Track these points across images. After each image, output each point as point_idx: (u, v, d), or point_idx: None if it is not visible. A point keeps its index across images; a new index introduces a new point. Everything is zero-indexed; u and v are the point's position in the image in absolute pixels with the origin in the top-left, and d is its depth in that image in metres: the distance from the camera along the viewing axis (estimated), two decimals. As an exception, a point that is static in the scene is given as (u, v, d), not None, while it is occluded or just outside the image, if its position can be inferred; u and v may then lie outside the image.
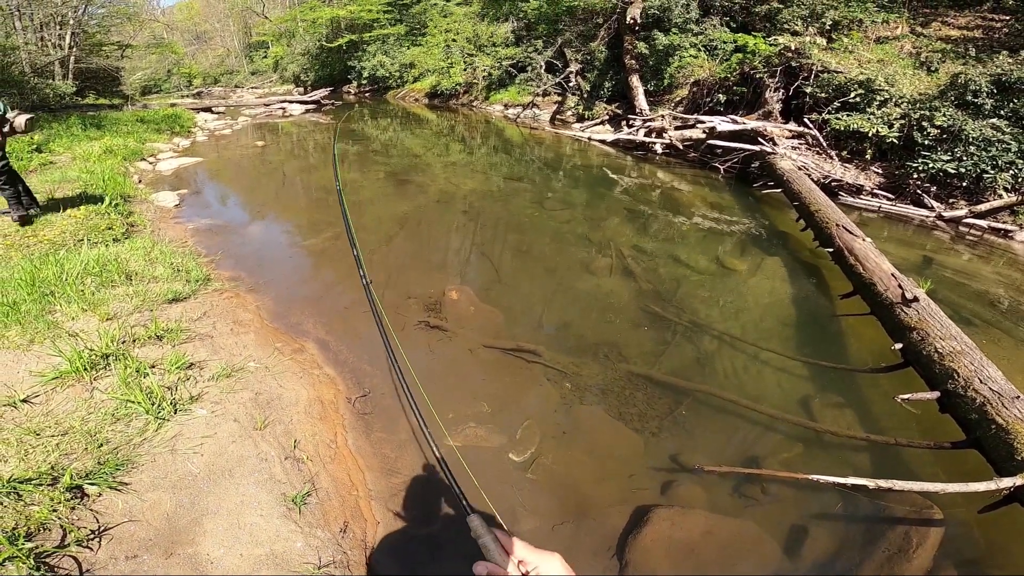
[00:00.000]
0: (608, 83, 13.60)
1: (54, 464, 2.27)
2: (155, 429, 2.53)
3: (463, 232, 6.41)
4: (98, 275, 3.95)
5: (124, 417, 2.57)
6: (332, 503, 2.42)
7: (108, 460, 2.33)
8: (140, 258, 4.49)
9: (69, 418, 2.53)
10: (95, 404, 2.63)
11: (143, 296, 3.82)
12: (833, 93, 8.72)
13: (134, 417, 2.58)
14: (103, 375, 2.85)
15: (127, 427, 2.53)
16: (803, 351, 3.96)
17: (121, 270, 4.13)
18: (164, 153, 10.31)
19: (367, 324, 4.09)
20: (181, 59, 30.77)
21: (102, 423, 2.52)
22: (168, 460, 2.41)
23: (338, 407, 3.06)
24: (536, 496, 2.62)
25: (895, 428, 3.23)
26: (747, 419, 3.23)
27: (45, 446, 2.35)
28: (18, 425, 2.45)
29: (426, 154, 11.16)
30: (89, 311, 3.49)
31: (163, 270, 4.32)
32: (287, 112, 17.99)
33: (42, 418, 2.52)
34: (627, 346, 3.96)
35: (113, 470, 2.30)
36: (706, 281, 5.15)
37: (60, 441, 2.38)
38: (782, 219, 7.12)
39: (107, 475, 2.26)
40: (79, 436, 2.42)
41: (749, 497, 2.68)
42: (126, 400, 2.62)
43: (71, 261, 4.06)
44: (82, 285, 3.77)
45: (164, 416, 2.61)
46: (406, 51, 20.44)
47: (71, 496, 2.16)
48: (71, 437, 2.42)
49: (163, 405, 2.65)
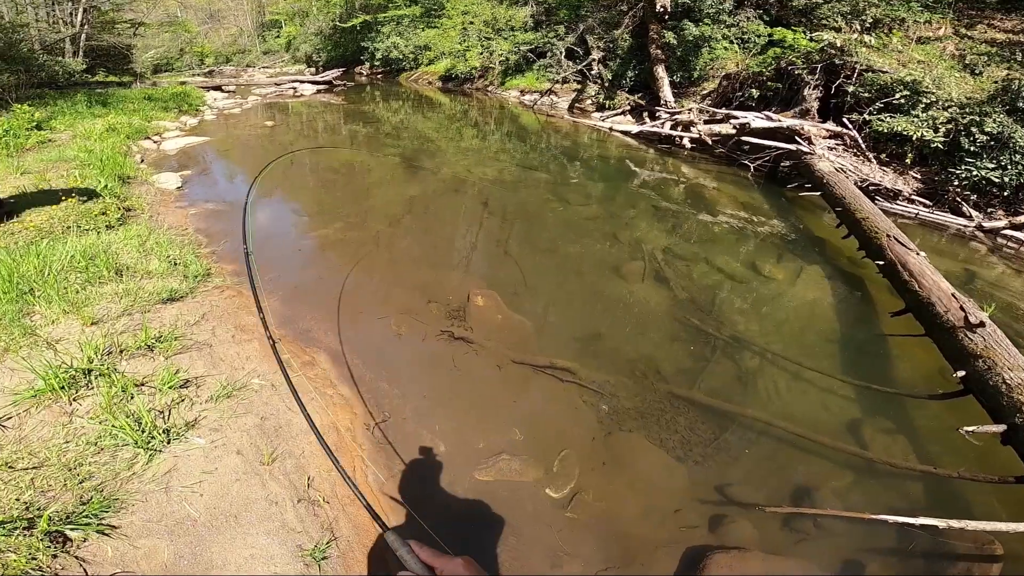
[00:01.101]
0: (631, 72, 13.06)
1: (28, 503, 1.94)
2: (145, 462, 2.19)
3: (481, 226, 6.02)
4: (84, 270, 3.57)
5: (109, 447, 2.22)
6: (355, 555, 2.09)
7: (92, 499, 2.00)
8: (134, 249, 4.13)
9: (44, 448, 2.18)
10: (75, 431, 2.28)
11: (134, 295, 3.45)
12: (876, 93, 8.24)
13: (120, 447, 2.23)
14: (84, 394, 2.49)
15: (113, 459, 2.19)
16: (849, 371, 3.68)
17: (111, 264, 3.76)
18: (170, 132, 9.93)
19: (385, 332, 3.74)
20: (194, 37, 30.23)
21: (83, 454, 2.17)
22: (162, 500, 2.07)
23: (356, 435, 2.71)
24: (577, 538, 2.37)
25: (944, 456, 3.05)
26: (793, 445, 3.02)
27: (17, 482, 2.01)
28: (-14, 457, 2.11)
29: (439, 138, 10.74)
30: (72, 313, 3.12)
31: (159, 263, 3.96)
32: (298, 92, 17.55)
33: (13, 446, 2.18)
34: (665, 362, 3.65)
35: (99, 511, 1.97)
36: (743, 289, 4.79)
37: (35, 475, 2.05)
38: (818, 223, 6.71)
39: (92, 517, 1.95)
40: (56, 470, 2.08)
41: (801, 532, 2.52)
42: (111, 427, 2.26)
43: (55, 253, 3.69)
44: (66, 282, 3.39)
45: (156, 447, 2.26)
46: (421, 33, 19.86)
47: (51, 542, 1.84)
48: (47, 471, 2.08)
49: (154, 434, 2.30)
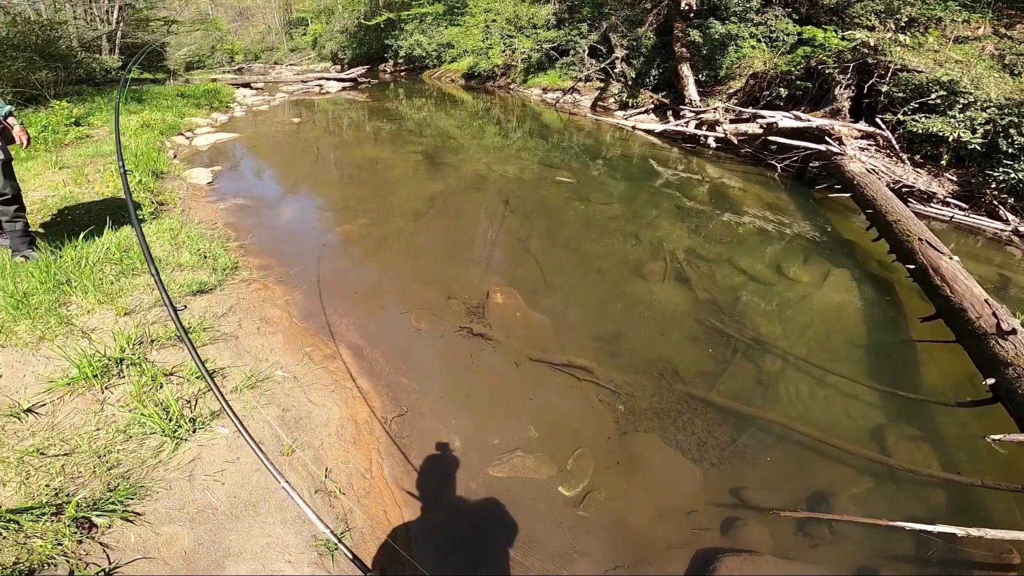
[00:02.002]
0: (655, 71, 12.91)
1: (58, 490, 2.02)
2: (171, 451, 2.26)
3: (501, 222, 6.03)
4: (119, 262, 3.69)
5: (137, 435, 2.30)
6: (367, 546, 2.13)
7: (119, 486, 2.07)
8: (167, 242, 4.26)
9: (76, 434, 2.27)
10: (105, 418, 2.37)
11: (166, 287, 3.55)
12: (911, 93, 7.99)
13: (148, 435, 2.31)
14: (116, 383, 2.58)
15: (140, 447, 2.26)
16: (874, 376, 3.59)
17: (140, 257, 3.88)
18: (202, 128, 10.20)
19: (405, 328, 3.79)
20: (224, 35, 30.94)
21: (112, 441, 2.25)
22: (185, 488, 2.14)
23: (373, 429, 2.75)
24: (589, 537, 2.37)
25: (969, 464, 2.97)
26: (813, 450, 2.97)
27: (48, 468, 2.09)
28: (21, 441, 2.20)
29: (461, 135, 10.78)
30: (106, 304, 3.24)
31: (189, 256, 4.08)
32: (324, 89, 17.82)
33: (47, 433, 2.26)
34: (684, 364, 3.61)
35: (124, 498, 2.04)
36: (767, 292, 4.70)
37: (65, 462, 2.13)
38: (846, 225, 6.54)
39: (117, 504, 2.01)
40: (87, 457, 2.16)
41: (816, 537, 2.50)
42: (140, 415, 2.34)
43: (92, 245, 3.83)
44: (101, 273, 3.52)
45: (182, 435, 2.33)
46: (444, 31, 19.94)
47: (77, 528, 1.91)
48: (78, 458, 2.16)
49: (181, 423, 2.37)
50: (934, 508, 2.66)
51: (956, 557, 2.43)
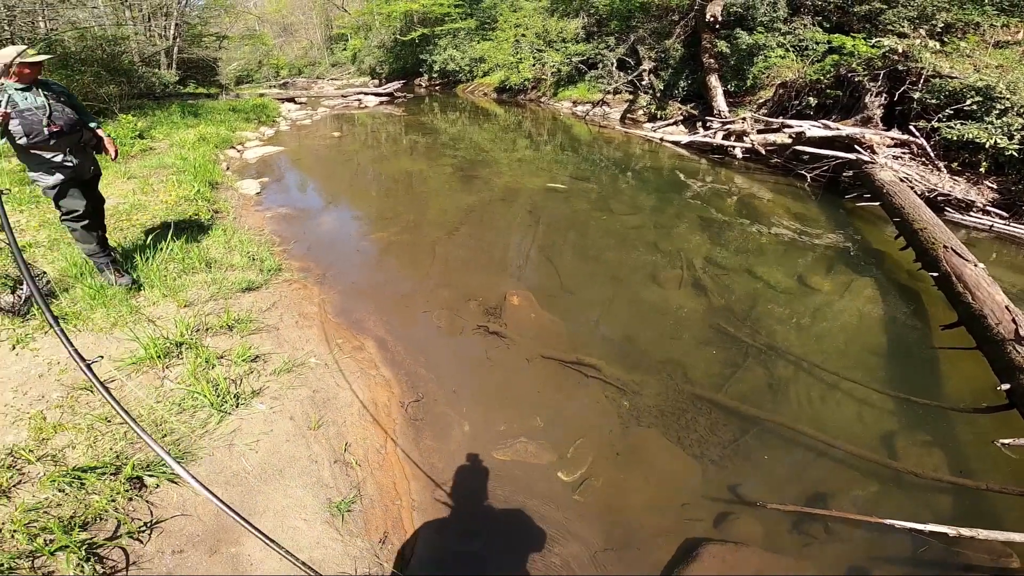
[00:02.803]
0: (683, 82, 12.97)
1: (119, 453, 2.36)
2: (217, 422, 2.60)
3: (526, 232, 6.29)
4: (181, 261, 4.17)
5: (190, 408, 2.66)
6: (375, 512, 2.39)
7: (170, 451, 2.39)
8: (220, 245, 4.72)
9: (139, 405, 2.64)
10: (164, 393, 2.75)
11: (220, 284, 4.00)
12: (945, 100, 7.82)
13: (199, 409, 2.67)
14: (175, 363, 2.98)
15: (191, 418, 2.62)
16: (891, 383, 3.60)
17: (202, 257, 4.35)
18: (251, 141, 10.89)
19: (427, 325, 4.08)
20: (270, 50, 32.59)
21: (169, 413, 2.62)
22: (225, 455, 2.46)
23: (391, 411, 3.05)
24: (581, 519, 2.52)
25: (985, 472, 2.94)
26: (819, 453, 3.00)
27: (113, 434, 2.46)
28: (91, 411, 2.59)
29: (493, 149, 11.14)
30: (170, 297, 3.69)
31: (240, 258, 4.52)
32: (362, 104, 18.57)
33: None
34: (693, 366, 3.72)
35: None
36: (785, 300, 4.74)
37: (128, 429, 2.49)
38: (877, 235, 6.46)
39: (166, 467, 2.33)
40: (146, 425, 2.52)
41: (810, 535, 2.52)
42: (193, 391, 2.71)
43: (158, 246, 4.31)
44: (166, 271, 3.99)
45: (227, 409, 2.68)
46: (476, 45, 20.49)
47: (130, 487, 2.23)
48: (138, 426, 2.52)
49: (227, 398, 2.73)
50: (939, 513, 2.64)
51: (954, 560, 2.43)
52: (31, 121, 3.28)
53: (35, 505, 2.08)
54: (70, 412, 2.61)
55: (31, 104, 3.29)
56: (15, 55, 3.21)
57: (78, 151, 3.52)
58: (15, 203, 5.45)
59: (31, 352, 3.04)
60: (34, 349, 3.06)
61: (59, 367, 2.93)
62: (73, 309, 3.44)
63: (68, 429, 2.48)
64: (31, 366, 2.93)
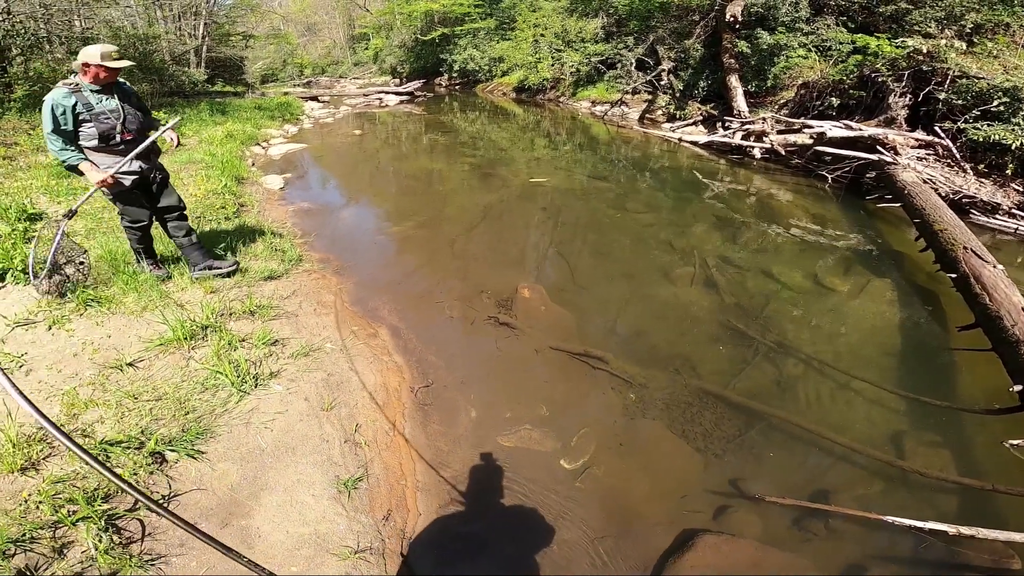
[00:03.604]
0: (703, 82, 12.89)
1: (144, 428, 2.50)
2: (236, 401, 2.74)
3: (541, 229, 6.36)
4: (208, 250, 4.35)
5: (212, 387, 2.81)
6: (380, 490, 2.48)
7: (191, 428, 2.54)
8: (247, 237, 4.90)
9: (165, 384, 2.80)
10: (189, 372, 2.90)
11: (243, 272, 4.17)
12: (972, 101, 7.66)
13: (220, 388, 2.81)
14: (200, 345, 3.13)
15: (212, 397, 2.76)
16: (904, 384, 3.56)
17: (228, 247, 4.55)
18: (275, 139, 11.18)
19: (439, 315, 4.19)
20: (295, 49, 33.18)
21: (192, 391, 2.76)
22: (242, 433, 2.59)
23: (401, 395, 3.15)
24: (581, 506, 2.56)
25: (994, 473, 2.87)
26: (824, 450, 2.99)
27: (140, 410, 2.60)
28: (120, 388, 2.75)
29: (511, 148, 11.23)
30: (197, 283, 3.86)
31: (263, 249, 4.69)
32: (383, 103, 18.85)
33: (142, 383, 2.81)
34: (701, 362, 3.74)
35: (194, 438, 2.49)
36: (799, 299, 4.72)
37: (153, 406, 2.63)
38: (898, 237, 6.36)
39: (187, 443, 2.45)
40: (170, 403, 2.67)
41: (809, 531, 2.51)
42: (216, 371, 2.85)
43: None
44: (194, 259, 4.17)
45: (246, 389, 2.82)
46: (495, 45, 20.58)
47: (152, 461, 2.35)
48: (163, 403, 2.67)
49: (246, 379, 2.87)
50: (944, 513, 2.60)
51: (954, 560, 2.40)
52: (106, 126, 3.22)
53: (62, 477, 2.20)
54: (101, 389, 2.77)
55: (105, 107, 3.21)
56: (99, 55, 3.12)
57: (144, 156, 3.47)
58: (52, 195, 5.74)
59: (66, 332, 3.23)
60: (69, 330, 3.25)
61: (92, 347, 3.11)
62: (107, 293, 3.64)
63: (98, 405, 2.64)
64: (66, 345, 3.11)
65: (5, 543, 1.88)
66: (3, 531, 1.92)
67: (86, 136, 3.23)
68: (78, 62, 3.18)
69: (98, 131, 3.21)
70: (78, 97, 3.12)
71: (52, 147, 3.19)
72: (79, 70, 3.19)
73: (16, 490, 2.14)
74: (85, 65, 3.14)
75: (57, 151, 3.20)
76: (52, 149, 3.20)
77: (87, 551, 1.94)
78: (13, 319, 3.28)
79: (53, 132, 3.11)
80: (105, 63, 3.14)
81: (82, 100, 3.14)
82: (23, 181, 6.14)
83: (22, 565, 1.85)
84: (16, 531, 1.95)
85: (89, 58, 3.12)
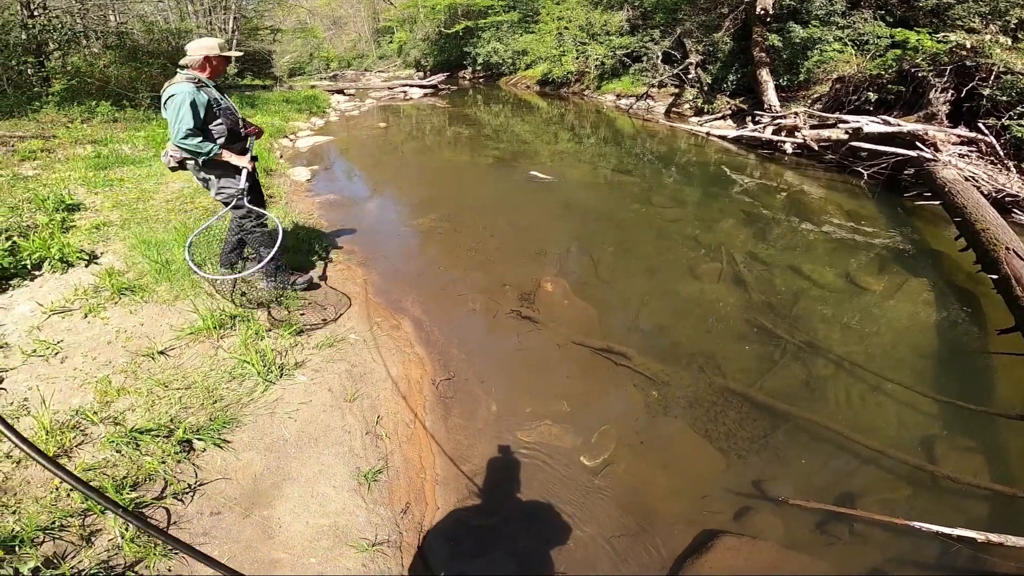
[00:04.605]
0: (732, 76, 12.58)
1: (173, 417, 2.55)
2: (262, 391, 2.78)
3: (564, 222, 6.31)
4: (240, 241, 4.44)
5: (239, 377, 2.86)
6: (399, 483, 2.49)
7: (218, 417, 2.58)
8: (274, 228, 4.99)
9: (194, 372, 2.86)
10: (218, 361, 2.96)
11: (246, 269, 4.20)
12: (1017, 97, 7.34)
13: (247, 377, 2.86)
14: (228, 334, 3.19)
15: (239, 386, 2.81)
16: (938, 387, 3.43)
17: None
18: (303, 131, 11.32)
19: (461, 307, 4.19)
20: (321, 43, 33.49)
21: (220, 380, 2.82)
22: (267, 422, 2.62)
23: (422, 388, 3.16)
24: (600, 504, 2.53)
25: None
26: (851, 453, 2.91)
27: (169, 399, 2.66)
28: (151, 376, 2.81)
29: (535, 141, 11.16)
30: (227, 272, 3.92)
31: (290, 240, 4.76)
32: (408, 95, 18.92)
33: (172, 371, 2.87)
34: (726, 360, 3.66)
35: (220, 427, 2.53)
36: (831, 298, 4.57)
37: (183, 395, 2.69)
38: (937, 236, 6.11)
39: (215, 432, 2.49)
40: (199, 391, 2.72)
41: (832, 535, 2.45)
42: (243, 360, 2.90)
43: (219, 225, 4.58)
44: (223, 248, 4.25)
45: (272, 379, 2.86)
46: (519, 38, 20.46)
47: (180, 449, 2.39)
48: (192, 392, 2.73)
49: (272, 369, 2.91)
50: (975, 520, 2.52)
51: (980, 568, 2.33)
52: (232, 120, 3.15)
53: (93, 465, 2.25)
54: (133, 377, 2.85)
55: (225, 103, 3.13)
56: (218, 47, 3.02)
57: None
58: (89, 187, 5.91)
59: (101, 320, 3.33)
60: (104, 318, 3.35)
61: (125, 335, 3.20)
62: (141, 282, 3.73)
63: (130, 393, 2.70)
64: (101, 333, 3.21)
65: (34, 531, 1.92)
66: (33, 519, 1.97)
67: (216, 133, 3.15)
68: (193, 56, 3.04)
69: (226, 126, 3.16)
70: (207, 93, 3.05)
71: (191, 142, 3.03)
72: (194, 64, 3.06)
73: (48, 477, 2.20)
74: (207, 59, 3.04)
75: (198, 144, 3.05)
76: (191, 143, 3.04)
77: (114, 539, 1.98)
78: (50, 307, 3.39)
79: (193, 128, 3.01)
80: (224, 54, 3.08)
81: (210, 95, 3.06)
82: (61, 172, 6.34)
83: (50, 553, 1.90)
84: (46, 519, 2.00)
85: (210, 50, 3.03)
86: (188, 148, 3.06)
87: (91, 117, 9.51)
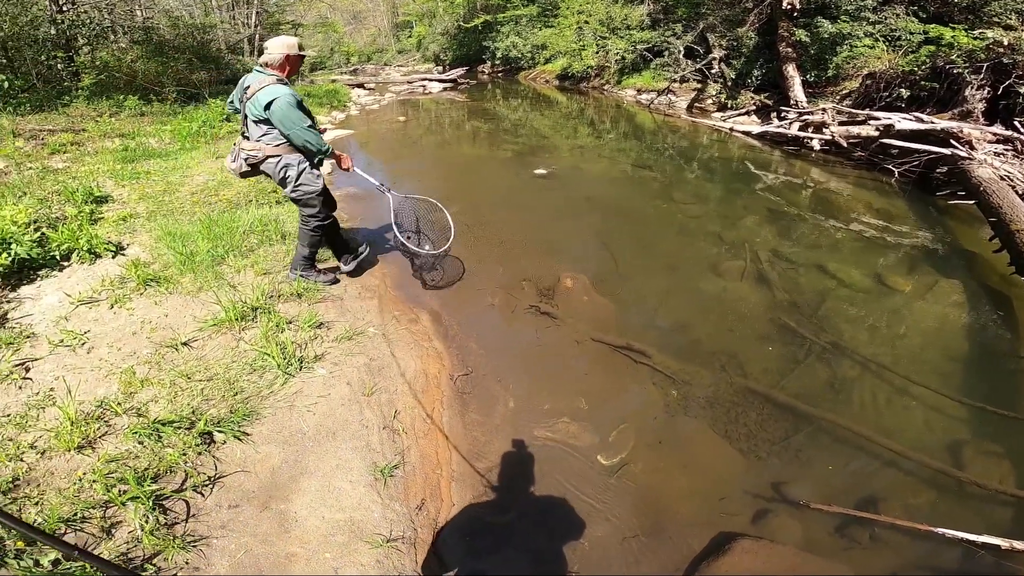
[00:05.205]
0: (757, 71, 12.32)
1: (195, 409, 2.56)
2: (282, 384, 2.80)
3: (584, 217, 6.25)
4: (260, 234, 4.50)
5: (259, 369, 2.88)
6: (415, 478, 2.48)
7: (239, 409, 2.60)
8: (295, 220, 5.02)
9: (216, 364, 2.89)
10: (239, 353, 2.99)
11: (293, 255, 4.24)
12: (1056, 96, 7.05)
13: (267, 370, 2.88)
14: (250, 326, 3.22)
15: (260, 379, 2.83)
16: (967, 391, 3.31)
17: (279, 230, 4.69)
18: (324, 125, 11.22)
19: (480, 302, 4.17)
20: (341, 38, 33.75)
21: (241, 373, 2.84)
22: (286, 415, 2.64)
23: (440, 383, 3.16)
24: (615, 503, 2.50)
25: None
26: (876, 456, 2.84)
27: (192, 390, 2.68)
28: (174, 367, 2.85)
29: (554, 135, 11.08)
30: (249, 266, 3.98)
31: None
32: (427, 90, 18.95)
33: (195, 362, 2.91)
34: (749, 360, 3.58)
35: (240, 420, 2.54)
36: (858, 298, 4.44)
37: (205, 387, 2.71)
38: (970, 236, 5.90)
39: (235, 424, 2.50)
40: (220, 383, 2.75)
41: (852, 540, 2.38)
42: (264, 352, 2.92)
43: (240, 219, 4.66)
44: (247, 241, 4.32)
45: (291, 372, 2.88)
46: (538, 32, 20.32)
47: (201, 442, 2.41)
48: (214, 384, 2.75)
49: (292, 361, 2.93)
50: (1001, 527, 2.44)
51: (1002, 574, 2.26)
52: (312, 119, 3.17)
53: (116, 456, 2.28)
54: (156, 368, 2.88)
55: None
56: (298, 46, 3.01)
57: None
58: (117, 179, 6.04)
59: (127, 311, 3.39)
60: (130, 309, 3.41)
61: (150, 326, 3.25)
62: (165, 273, 3.80)
63: (153, 384, 2.74)
64: (126, 324, 3.27)
65: (56, 522, 1.94)
66: (55, 510, 1.99)
67: None
68: (275, 56, 3.04)
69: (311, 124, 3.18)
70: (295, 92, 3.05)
71: (314, 137, 3.08)
72: (275, 63, 3.06)
73: (71, 468, 2.22)
74: (287, 57, 3.04)
75: (319, 140, 3.10)
76: (313, 139, 3.08)
77: (133, 531, 2.00)
78: (77, 297, 3.46)
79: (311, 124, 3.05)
80: (301, 53, 3.08)
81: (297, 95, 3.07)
82: (90, 165, 6.49)
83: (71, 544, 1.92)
84: (68, 510, 2.02)
85: (290, 49, 3.03)
86: (312, 144, 3.12)
87: (119, 111, 9.71)
